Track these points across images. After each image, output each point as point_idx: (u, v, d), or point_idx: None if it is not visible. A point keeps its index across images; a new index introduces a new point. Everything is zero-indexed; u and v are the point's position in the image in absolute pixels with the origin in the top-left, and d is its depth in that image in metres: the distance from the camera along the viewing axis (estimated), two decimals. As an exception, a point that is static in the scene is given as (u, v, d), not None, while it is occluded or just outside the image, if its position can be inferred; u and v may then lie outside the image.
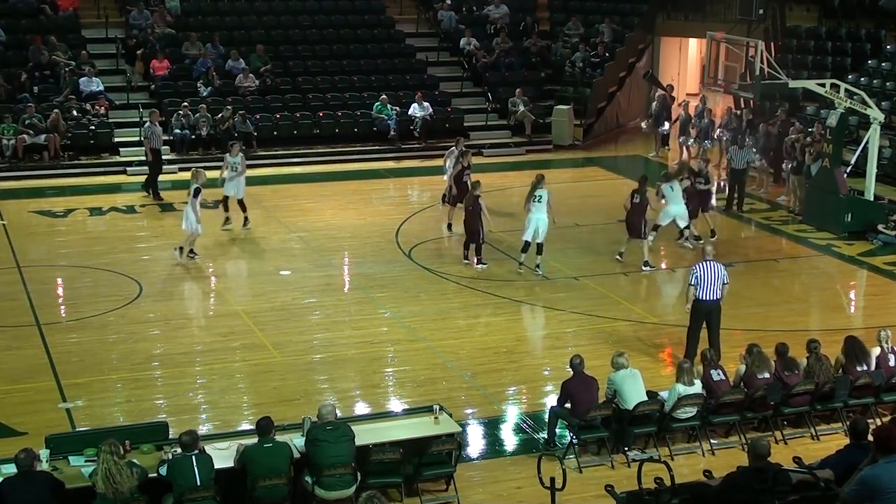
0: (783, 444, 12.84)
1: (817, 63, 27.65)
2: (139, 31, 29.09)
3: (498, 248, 19.87)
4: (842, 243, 21.12)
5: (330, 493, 10.68)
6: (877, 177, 21.96)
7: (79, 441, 11.08)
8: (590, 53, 31.22)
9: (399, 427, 11.86)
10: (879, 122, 21.75)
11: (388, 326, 16.66)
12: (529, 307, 17.69)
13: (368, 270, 19.14)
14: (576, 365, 12.64)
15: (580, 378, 12.60)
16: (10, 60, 27.60)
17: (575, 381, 12.61)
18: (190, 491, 10.12)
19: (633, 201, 18.92)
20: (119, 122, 26.81)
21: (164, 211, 22.78)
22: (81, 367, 14.82)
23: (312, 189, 24.84)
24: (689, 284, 14.73)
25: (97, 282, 18.34)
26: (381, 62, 30.43)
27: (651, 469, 9.77)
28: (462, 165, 21.39)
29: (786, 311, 17.49)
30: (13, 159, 25.09)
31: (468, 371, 14.93)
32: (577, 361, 12.65)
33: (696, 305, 14.66)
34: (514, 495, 11.68)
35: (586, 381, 12.61)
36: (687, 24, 31.56)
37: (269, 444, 10.60)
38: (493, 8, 32.57)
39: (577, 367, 12.63)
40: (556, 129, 29.40)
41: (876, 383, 13.42)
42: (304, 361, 15.25)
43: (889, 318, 16.37)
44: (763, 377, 13.03)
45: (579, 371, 12.62)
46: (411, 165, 27.34)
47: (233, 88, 28.02)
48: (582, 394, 12.50)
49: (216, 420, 13.39)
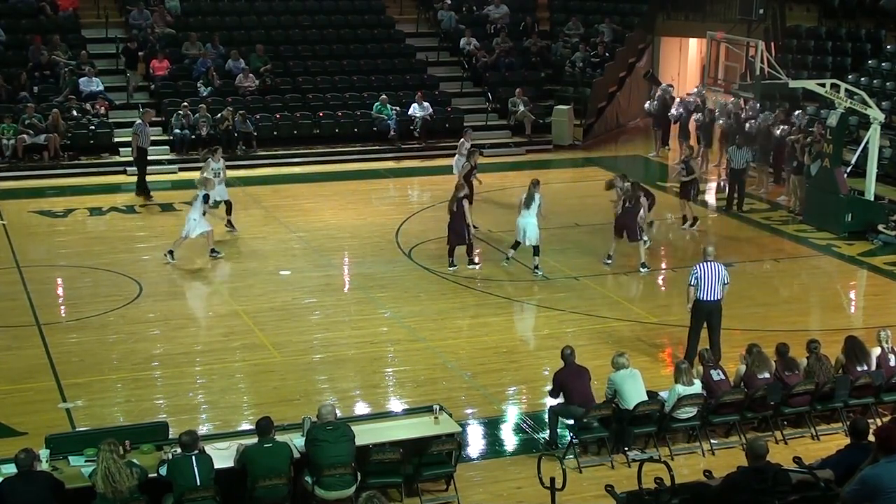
0: (783, 444, 12.84)
1: (817, 63, 27.65)
2: (139, 31, 29.09)
3: (499, 249, 19.86)
4: (842, 243, 21.11)
5: (330, 493, 10.68)
6: (877, 177, 21.95)
7: (79, 441, 11.07)
8: (590, 53, 31.22)
9: (399, 427, 11.86)
10: (879, 122, 21.75)
11: (388, 326, 16.66)
12: (530, 307, 17.68)
13: (368, 270, 19.14)
14: (567, 355, 12.78)
15: (571, 368, 12.73)
16: (10, 60, 27.60)
17: (566, 371, 12.73)
18: (190, 491, 10.12)
19: (626, 206, 18.93)
20: (119, 122, 26.79)
21: (164, 211, 22.78)
22: (81, 367, 14.82)
23: (312, 189, 24.84)
24: (688, 285, 14.74)
25: (97, 282, 18.34)
26: (381, 62, 30.43)
27: (651, 469, 9.78)
28: (470, 165, 21.44)
29: (786, 311, 17.49)
30: (13, 159, 25.09)
31: (468, 371, 14.93)
32: (568, 352, 12.81)
33: (697, 306, 14.67)
34: (514, 495, 11.68)
35: (577, 371, 12.73)
36: (687, 24, 31.56)
37: (269, 444, 10.59)
38: (493, 8, 32.57)
39: (567, 357, 12.78)
40: (556, 129, 29.40)
41: (876, 383, 13.42)
42: (304, 361, 15.25)
43: (889, 318, 16.36)
44: (763, 377, 13.04)
45: (570, 361, 12.76)
46: (411, 165, 27.35)
47: (233, 88, 28.02)
48: (573, 382, 12.61)
49: (216, 420, 13.39)
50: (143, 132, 23.48)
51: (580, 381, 12.66)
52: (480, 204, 21.94)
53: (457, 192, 18.87)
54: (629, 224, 18.97)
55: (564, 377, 12.70)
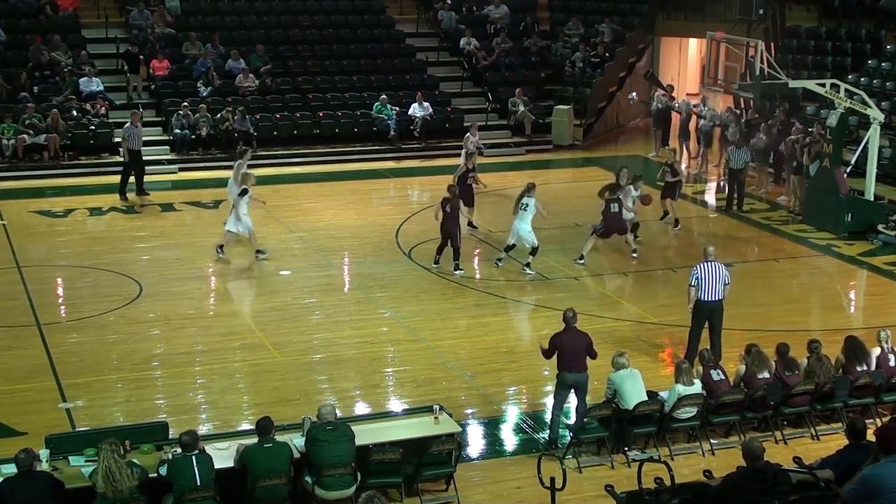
0: (783, 444, 12.85)
1: (817, 63, 27.64)
2: (139, 32, 29.09)
3: (498, 248, 19.84)
4: (842, 243, 21.11)
5: (330, 493, 10.68)
6: (877, 177, 21.95)
7: (79, 441, 11.07)
8: (590, 53, 31.22)
9: (399, 427, 11.86)
10: (879, 122, 21.74)
11: (388, 326, 16.66)
12: (529, 307, 17.68)
13: (368, 270, 19.13)
14: (568, 318, 12.81)
15: (570, 332, 12.75)
16: (10, 60, 27.59)
17: (564, 333, 12.75)
18: (190, 491, 10.12)
19: (612, 210, 19.05)
20: (119, 122, 26.74)
21: (164, 211, 22.79)
22: (81, 367, 14.82)
23: (312, 189, 24.85)
24: (689, 285, 14.74)
25: (97, 282, 18.34)
26: (381, 62, 30.43)
27: (651, 469, 9.78)
28: (467, 167, 21.42)
29: (786, 311, 17.48)
30: (13, 159, 25.09)
31: (468, 371, 14.93)
32: (570, 315, 12.82)
33: (698, 306, 14.67)
34: (514, 495, 11.68)
35: (576, 335, 12.74)
36: (687, 24, 31.54)
37: (269, 444, 10.59)
38: (493, 8, 32.56)
39: (569, 319, 12.80)
40: (556, 129, 29.39)
41: (876, 383, 13.42)
42: (304, 361, 15.25)
43: (889, 318, 16.36)
44: (763, 377, 13.04)
45: (571, 324, 12.77)
46: (411, 165, 27.35)
47: (233, 88, 28.02)
48: (568, 345, 12.61)
49: (216, 420, 13.39)
50: (132, 134, 23.42)
51: (576, 345, 12.61)
52: (480, 204, 21.97)
53: (446, 195, 18.72)
54: (620, 224, 19.24)
55: (560, 339, 12.72)
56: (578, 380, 12.63)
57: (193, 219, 22.63)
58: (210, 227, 20.54)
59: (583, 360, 12.64)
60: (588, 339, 12.78)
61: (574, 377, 12.58)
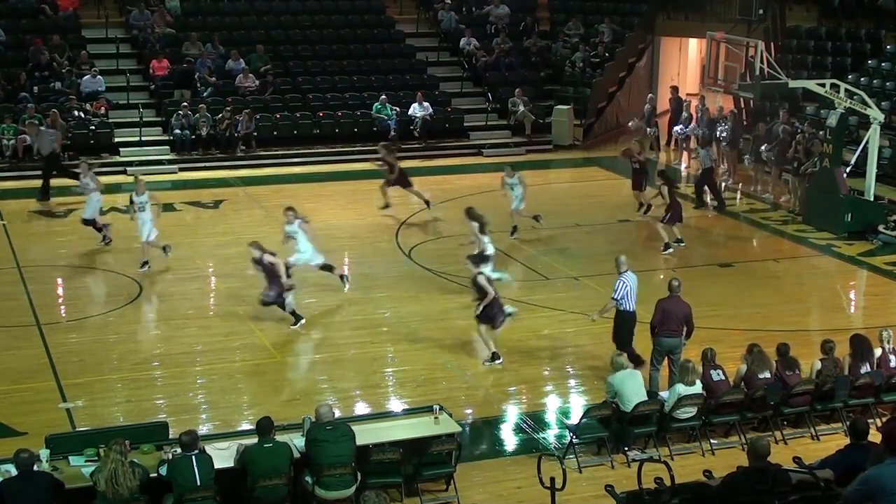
0: (783, 444, 12.83)
1: (817, 63, 27.63)
2: (139, 31, 29.08)
3: (499, 249, 19.81)
4: (842, 243, 21.12)
5: (330, 493, 10.68)
6: (877, 177, 21.96)
7: (79, 441, 11.08)
8: (590, 53, 31.23)
9: (399, 427, 11.87)
10: (879, 122, 21.75)
11: (388, 326, 16.66)
12: (529, 307, 17.66)
13: (368, 270, 19.13)
14: (674, 287, 13.75)
15: (674, 299, 13.67)
16: (10, 60, 27.59)
17: (668, 300, 13.65)
18: (190, 491, 10.12)
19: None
20: (119, 122, 26.80)
21: (164, 211, 22.73)
22: (81, 367, 14.82)
23: (312, 189, 24.82)
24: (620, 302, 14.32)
25: (97, 282, 18.34)
26: (381, 62, 30.42)
27: (651, 469, 9.76)
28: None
29: (786, 311, 17.48)
30: (13, 159, 25.08)
31: (468, 371, 14.93)
32: (676, 284, 13.79)
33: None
34: (514, 495, 11.68)
35: (679, 303, 13.68)
36: (687, 24, 31.54)
37: (270, 444, 10.59)
38: (493, 8, 32.56)
39: (674, 288, 13.74)
40: (556, 129, 29.39)
41: (876, 383, 13.42)
42: (304, 361, 15.25)
43: (889, 318, 16.36)
44: (763, 377, 13.04)
45: (675, 293, 13.70)
46: (411, 165, 27.24)
47: (233, 88, 28.01)
48: (673, 311, 13.55)
49: (216, 420, 13.39)
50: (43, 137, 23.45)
51: (678, 312, 13.56)
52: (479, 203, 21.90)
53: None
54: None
55: (667, 303, 13.60)
56: (674, 344, 13.60)
57: (193, 219, 22.63)
58: (208, 229, 20.50)
59: (681, 326, 13.60)
60: (689, 308, 13.68)
61: (670, 342, 13.55)
